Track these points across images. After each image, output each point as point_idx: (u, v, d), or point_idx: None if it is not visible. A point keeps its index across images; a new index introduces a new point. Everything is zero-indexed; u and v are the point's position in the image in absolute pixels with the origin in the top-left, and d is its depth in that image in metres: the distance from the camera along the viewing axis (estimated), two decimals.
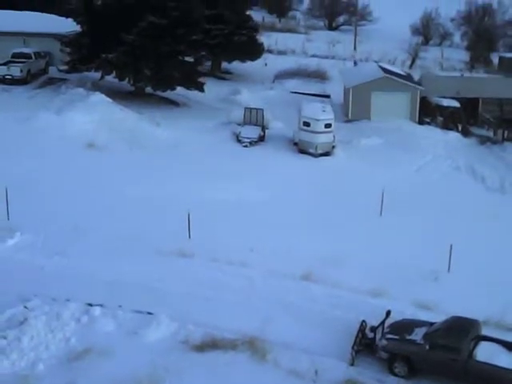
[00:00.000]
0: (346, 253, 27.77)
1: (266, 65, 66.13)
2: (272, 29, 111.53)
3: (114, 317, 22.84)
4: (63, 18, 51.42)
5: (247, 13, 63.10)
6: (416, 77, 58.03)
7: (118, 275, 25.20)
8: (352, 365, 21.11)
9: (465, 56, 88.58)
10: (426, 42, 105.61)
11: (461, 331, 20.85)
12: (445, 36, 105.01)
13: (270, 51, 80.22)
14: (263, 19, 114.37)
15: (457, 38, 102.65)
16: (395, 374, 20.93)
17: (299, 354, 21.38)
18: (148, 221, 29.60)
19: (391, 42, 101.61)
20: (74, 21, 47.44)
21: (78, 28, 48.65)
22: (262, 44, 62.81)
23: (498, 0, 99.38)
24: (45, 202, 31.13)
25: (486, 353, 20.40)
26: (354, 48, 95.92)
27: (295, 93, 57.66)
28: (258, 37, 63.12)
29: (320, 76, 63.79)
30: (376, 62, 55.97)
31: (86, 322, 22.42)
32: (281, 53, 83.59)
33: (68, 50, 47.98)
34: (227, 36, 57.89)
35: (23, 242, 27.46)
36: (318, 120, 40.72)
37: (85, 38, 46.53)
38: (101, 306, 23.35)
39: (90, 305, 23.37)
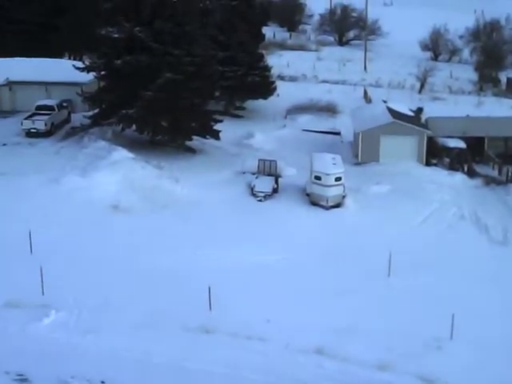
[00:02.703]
0: (355, 322, 30.06)
1: (278, 95, 68.17)
2: (282, 46, 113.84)
3: None
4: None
5: (259, 51, 65.41)
6: (423, 105, 60.83)
7: (147, 354, 27.60)
8: None
9: (473, 75, 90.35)
10: (435, 57, 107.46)
11: None
12: (454, 52, 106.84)
13: (281, 77, 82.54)
14: (274, 35, 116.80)
15: (466, 53, 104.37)
16: None
17: None
18: (172, 292, 31.90)
19: (401, 59, 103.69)
20: (95, 77, 49.98)
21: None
22: (273, 83, 65.16)
23: (506, 16, 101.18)
24: (75, 272, 33.50)
25: None
26: (365, 68, 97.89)
27: (307, 131, 59.89)
28: (269, 74, 65.69)
29: (331, 110, 65.93)
30: (384, 101, 57.81)
31: None
32: (292, 79, 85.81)
33: (89, 103, 50.49)
34: (240, 77, 60.30)
35: (58, 320, 29.82)
36: (328, 174, 42.92)
37: (105, 93, 48.97)
38: None
39: None
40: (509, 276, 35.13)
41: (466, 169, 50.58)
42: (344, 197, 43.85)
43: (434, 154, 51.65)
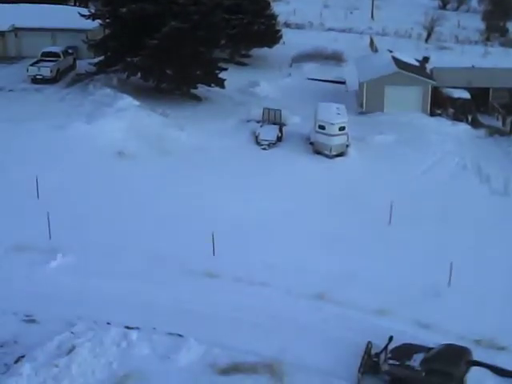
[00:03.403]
0: (355, 269, 30.67)
1: (283, 43, 68.03)
2: None
3: (149, 340, 25.84)
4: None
5: None
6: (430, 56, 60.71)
7: (152, 296, 28.24)
8: None
9: (481, 24, 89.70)
10: (444, 5, 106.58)
11: (453, 359, 23.77)
12: (462, 0, 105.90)
13: (287, 25, 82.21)
14: None
15: (474, 1, 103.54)
16: None
17: (313, 376, 24.36)
18: (176, 237, 32.51)
19: (409, 7, 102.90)
20: (101, 25, 49.98)
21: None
22: (279, 31, 65.03)
23: None
24: (81, 217, 34.11)
25: (476, 378, 23.36)
26: (372, 16, 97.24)
27: (312, 79, 59.91)
28: (275, 22, 65.56)
29: (337, 59, 65.80)
30: (390, 51, 57.64)
31: (125, 347, 25.43)
32: (298, 26, 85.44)
33: (94, 50, 50.58)
34: (246, 25, 60.17)
35: (64, 263, 30.51)
36: (332, 124, 43.21)
37: (110, 41, 49.01)
38: (137, 328, 26.43)
39: (128, 328, 26.46)
40: (508, 226, 35.55)
41: (470, 119, 50.78)
42: (347, 146, 44.20)
43: (439, 104, 51.77)
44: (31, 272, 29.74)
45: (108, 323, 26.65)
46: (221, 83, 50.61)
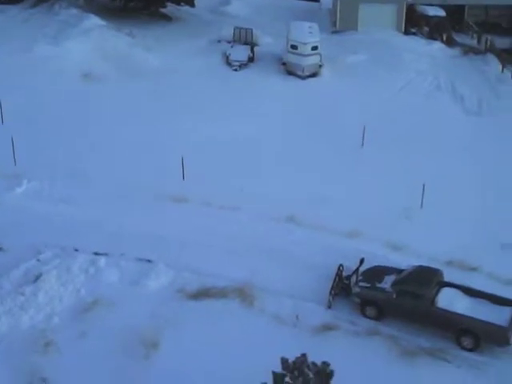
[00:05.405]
0: (327, 192, 30.21)
1: None
2: None
3: (118, 266, 25.53)
4: None
5: None
6: None
7: (119, 222, 27.75)
8: (329, 307, 24.03)
9: None
10: None
11: (424, 280, 23.63)
12: None
13: None
14: None
15: None
16: (366, 316, 23.91)
17: (283, 299, 24.27)
18: (145, 163, 31.91)
19: None
20: None
21: None
22: None
23: None
24: (46, 143, 33.32)
25: (447, 298, 23.27)
26: None
27: None
28: None
29: None
30: None
31: (93, 273, 25.10)
32: None
33: None
34: None
35: (30, 189, 29.90)
36: (304, 43, 42.26)
37: None
38: (106, 254, 26.01)
39: (96, 254, 26.03)
40: (481, 146, 35.17)
41: (444, 38, 49.83)
42: (320, 66, 43.33)
43: (413, 22, 50.74)
44: None
45: (75, 250, 26.24)
46: (190, 1, 49.22)
